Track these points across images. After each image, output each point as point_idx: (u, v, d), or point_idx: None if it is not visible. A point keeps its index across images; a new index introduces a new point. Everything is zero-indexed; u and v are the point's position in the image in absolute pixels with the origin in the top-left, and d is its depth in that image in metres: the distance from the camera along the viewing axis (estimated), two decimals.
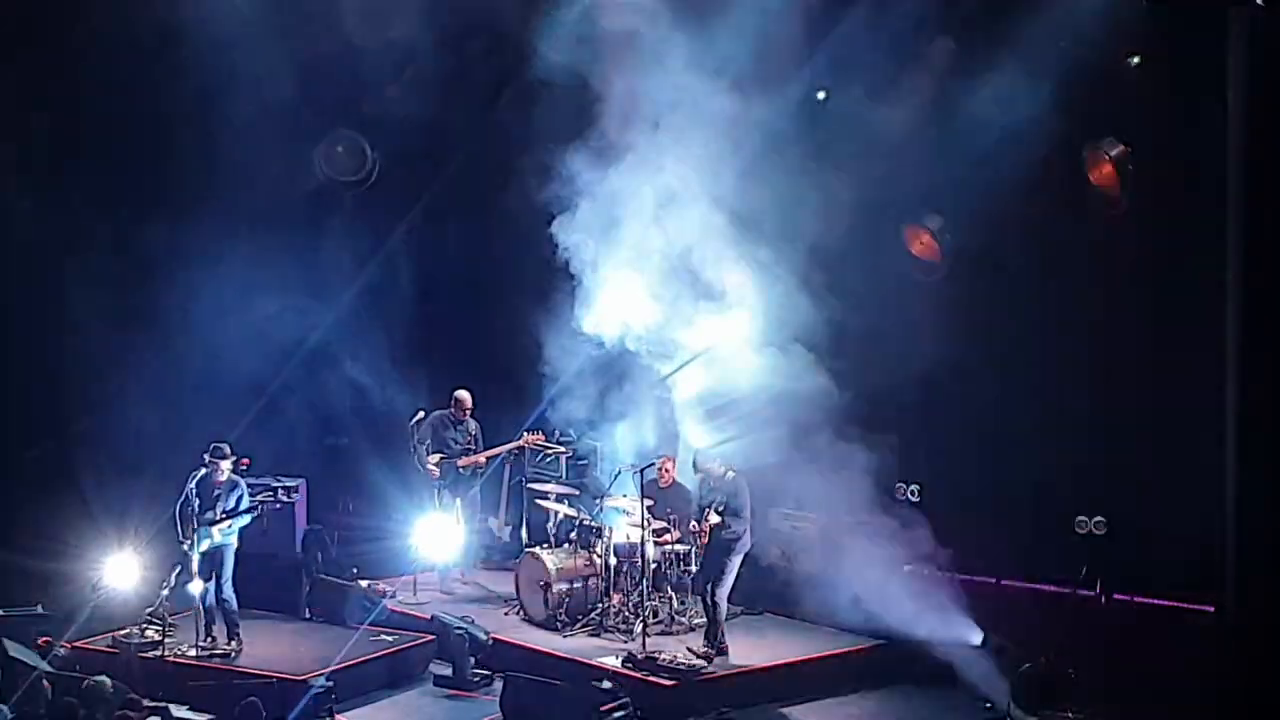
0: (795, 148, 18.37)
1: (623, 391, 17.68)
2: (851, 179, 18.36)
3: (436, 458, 17.95)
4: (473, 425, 18.19)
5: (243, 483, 16.01)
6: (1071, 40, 16.94)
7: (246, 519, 15.89)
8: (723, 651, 15.80)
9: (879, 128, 18.12)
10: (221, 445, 15.78)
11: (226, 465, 15.70)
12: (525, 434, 18.26)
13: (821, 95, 18.37)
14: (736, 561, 15.83)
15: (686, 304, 17.31)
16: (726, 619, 16.50)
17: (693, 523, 16.13)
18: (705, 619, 16.06)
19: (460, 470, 18.04)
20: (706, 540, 15.94)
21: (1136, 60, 16.75)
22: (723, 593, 15.84)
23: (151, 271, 18.90)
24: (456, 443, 18.09)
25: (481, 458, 18.13)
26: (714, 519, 15.77)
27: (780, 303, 17.43)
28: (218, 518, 15.60)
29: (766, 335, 16.79)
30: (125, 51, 18.37)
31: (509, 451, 18.36)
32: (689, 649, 15.75)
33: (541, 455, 18.45)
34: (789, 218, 18.74)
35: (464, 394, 18.17)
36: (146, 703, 13.11)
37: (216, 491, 15.69)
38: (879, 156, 18.18)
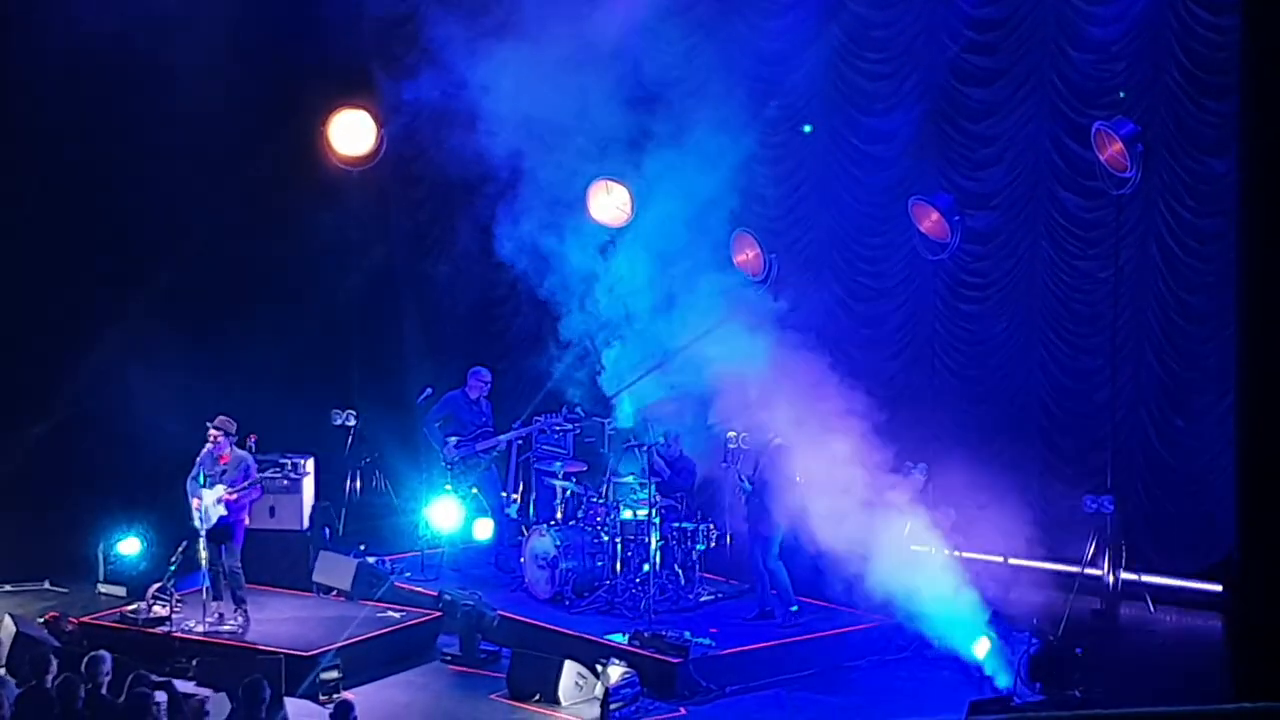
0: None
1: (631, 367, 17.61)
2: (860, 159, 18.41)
3: (454, 439, 17.89)
4: (486, 406, 18.11)
5: (251, 459, 16.02)
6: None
7: (254, 493, 15.93)
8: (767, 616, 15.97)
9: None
10: (224, 419, 15.75)
11: (219, 436, 15.67)
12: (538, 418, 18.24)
13: (808, 129, 18.54)
14: (776, 531, 15.85)
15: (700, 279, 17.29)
16: (736, 595, 16.61)
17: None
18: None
19: (480, 453, 17.97)
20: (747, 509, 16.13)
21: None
22: (771, 562, 15.93)
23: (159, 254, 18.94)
24: (474, 424, 17.99)
25: (501, 440, 18.08)
26: (747, 486, 15.94)
27: (786, 283, 17.45)
28: (232, 492, 15.55)
29: (767, 316, 16.73)
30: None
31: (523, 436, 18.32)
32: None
33: (550, 432, 18.36)
34: (793, 201, 18.79)
35: (482, 372, 18.10)
36: (154, 678, 13.11)
37: (223, 467, 15.67)
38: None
